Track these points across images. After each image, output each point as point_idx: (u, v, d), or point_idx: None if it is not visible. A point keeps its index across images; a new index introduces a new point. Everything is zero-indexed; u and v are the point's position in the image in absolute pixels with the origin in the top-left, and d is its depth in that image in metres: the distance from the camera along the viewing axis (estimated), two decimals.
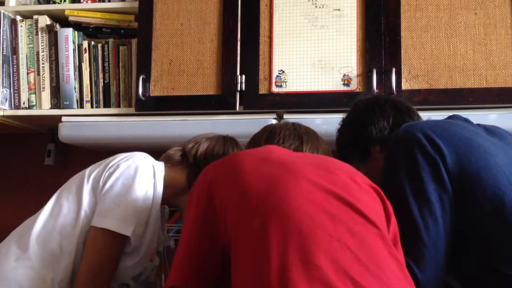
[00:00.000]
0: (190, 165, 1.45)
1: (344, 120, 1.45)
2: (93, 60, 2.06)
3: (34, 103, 2.06)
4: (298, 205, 0.98)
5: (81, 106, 2.04)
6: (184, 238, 1.06)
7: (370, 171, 1.40)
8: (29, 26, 2.09)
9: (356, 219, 0.99)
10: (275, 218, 0.96)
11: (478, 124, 1.31)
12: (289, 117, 1.82)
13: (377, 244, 0.98)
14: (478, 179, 1.13)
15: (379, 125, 1.35)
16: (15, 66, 2.08)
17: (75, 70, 2.04)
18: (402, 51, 1.79)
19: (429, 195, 1.13)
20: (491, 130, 1.30)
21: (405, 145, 1.19)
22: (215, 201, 1.03)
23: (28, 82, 2.07)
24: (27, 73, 2.07)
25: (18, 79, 2.07)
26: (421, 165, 1.15)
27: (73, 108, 2.03)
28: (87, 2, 2.10)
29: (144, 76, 1.93)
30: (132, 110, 1.95)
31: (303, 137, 1.31)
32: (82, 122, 1.99)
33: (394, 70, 1.77)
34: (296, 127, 1.35)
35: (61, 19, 2.11)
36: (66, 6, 2.09)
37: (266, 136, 1.32)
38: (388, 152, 1.24)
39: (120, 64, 2.04)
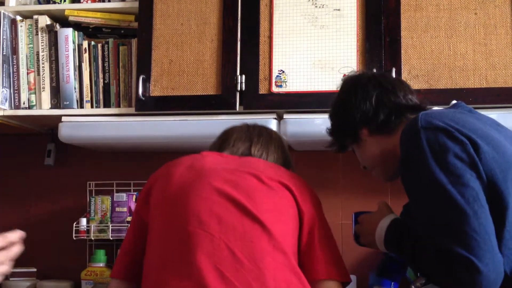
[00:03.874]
0: None
1: (331, 106, 1.43)
2: (93, 60, 2.06)
3: (34, 103, 2.06)
4: (194, 208, 1.16)
5: (81, 106, 2.04)
6: (126, 236, 1.32)
7: (364, 154, 1.39)
8: (29, 26, 2.08)
9: (245, 222, 1.14)
10: (175, 220, 1.18)
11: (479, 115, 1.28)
12: (289, 117, 1.82)
13: (262, 244, 1.12)
14: (507, 176, 1.08)
15: (361, 108, 1.32)
16: (15, 66, 2.08)
17: (75, 70, 2.04)
18: (402, 51, 1.79)
19: (468, 181, 1.06)
20: (496, 123, 1.27)
21: (430, 134, 1.12)
22: (150, 201, 1.26)
23: (28, 82, 2.07)
24: (27, 73, 2.07)
25: (18, 79, 2.07)
26: (453, 152, 1.09)
27: (73, 108, 2.03)
28: (87, 2, 2.10)
29: (144, 76, 1.92)
30: (132, 110, 1.95)
31: (253, 140, 1.38)
32: (82, 122, 1.99)
33: (394, 70, 1.77)
34: (250, 129, 1.42)
35: (61, 19, 2.10)
36: (66, 6, 2.09)
37: (221, 140, 1.41)
38: (405, 142, 1.18)
39: (120, 64, 2.04)
